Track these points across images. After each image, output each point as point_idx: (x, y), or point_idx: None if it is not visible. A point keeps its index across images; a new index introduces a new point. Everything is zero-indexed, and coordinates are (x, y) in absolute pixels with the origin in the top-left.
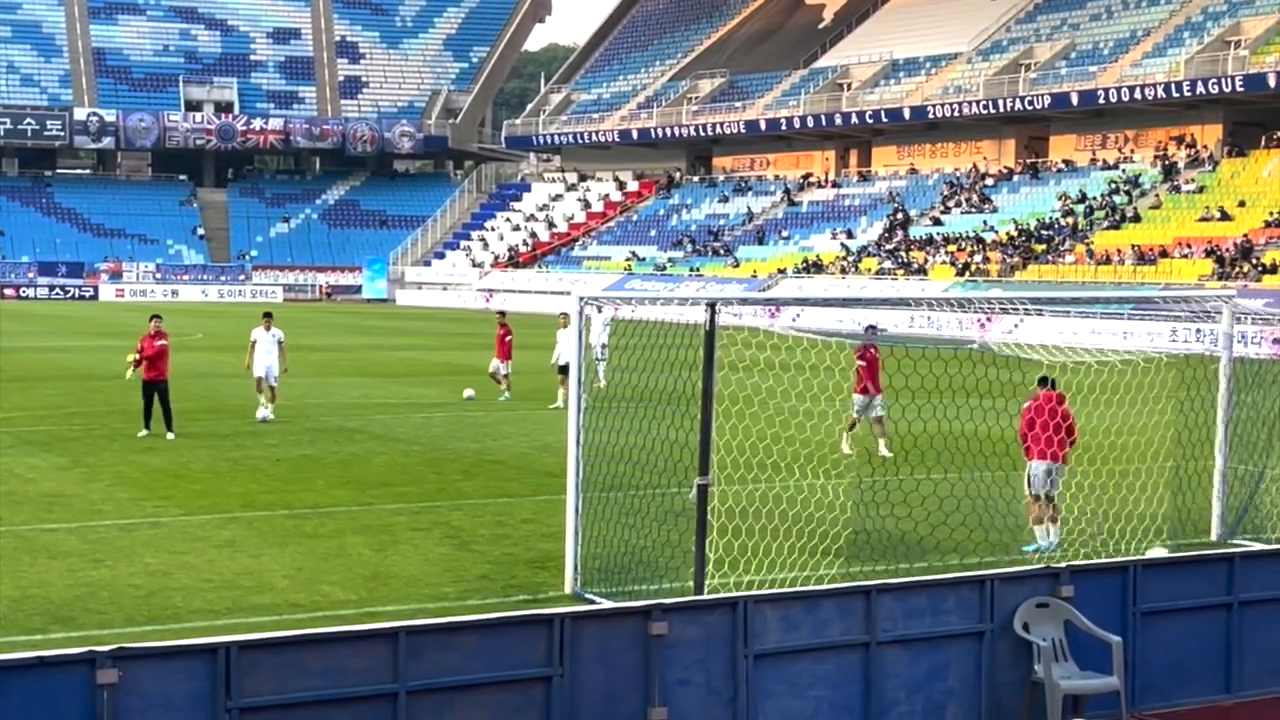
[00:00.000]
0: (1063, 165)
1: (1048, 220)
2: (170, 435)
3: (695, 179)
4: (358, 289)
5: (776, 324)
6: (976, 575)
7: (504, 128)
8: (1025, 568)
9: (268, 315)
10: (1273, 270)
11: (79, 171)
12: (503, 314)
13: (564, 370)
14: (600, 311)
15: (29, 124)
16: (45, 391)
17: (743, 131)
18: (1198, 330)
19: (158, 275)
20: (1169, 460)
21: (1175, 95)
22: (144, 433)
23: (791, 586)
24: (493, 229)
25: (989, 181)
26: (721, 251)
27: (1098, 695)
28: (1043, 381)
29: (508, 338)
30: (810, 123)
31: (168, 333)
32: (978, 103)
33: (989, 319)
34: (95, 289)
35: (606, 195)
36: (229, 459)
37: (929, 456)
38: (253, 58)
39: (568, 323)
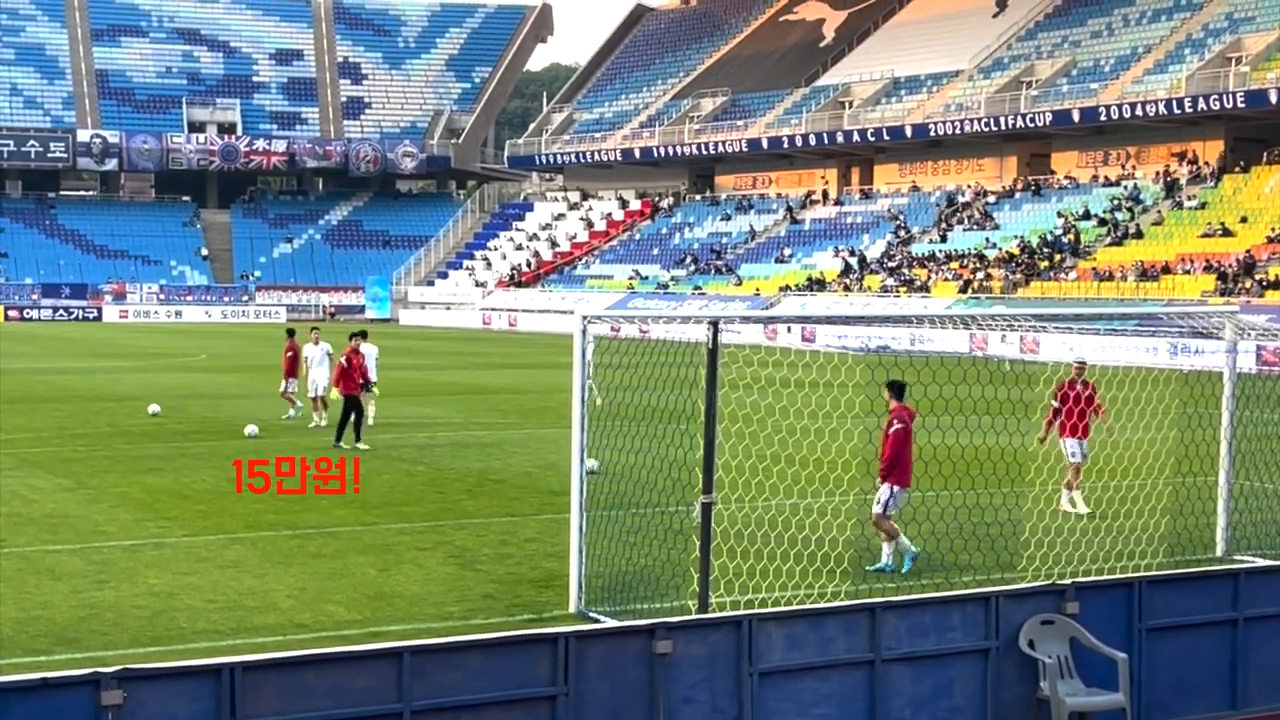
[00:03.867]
0: (1065, 182)
1: (1050, 237)
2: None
3: (697, 197)
4: (361, 309)
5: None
6: (981, 592)
7: (506, 147)
8: (1030, 585)
9: (315, 329)
10: (1275, 286)
11: (82, 193)
12: (291, 332)
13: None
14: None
15: (33, 146)
16: (48, 413)
17: (745, 150)
18: (1200, 346)
19: (161, 296)
20: (1173, 475)
21: (1177, 112)
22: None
23: (796, 604)
24: (496, 248)
25: (991, 199)
26: (724, 270)
27: (1103, 712)
28: (895, 388)
29: (290, 354)
30: (812, 141)
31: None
32: (979, 120)
33: (1007, 333)
34: (99, 310)
35: (609, 214)
36: (233, 479)
37: (933, 473)
38: (255, 79)
39: (318, 340)
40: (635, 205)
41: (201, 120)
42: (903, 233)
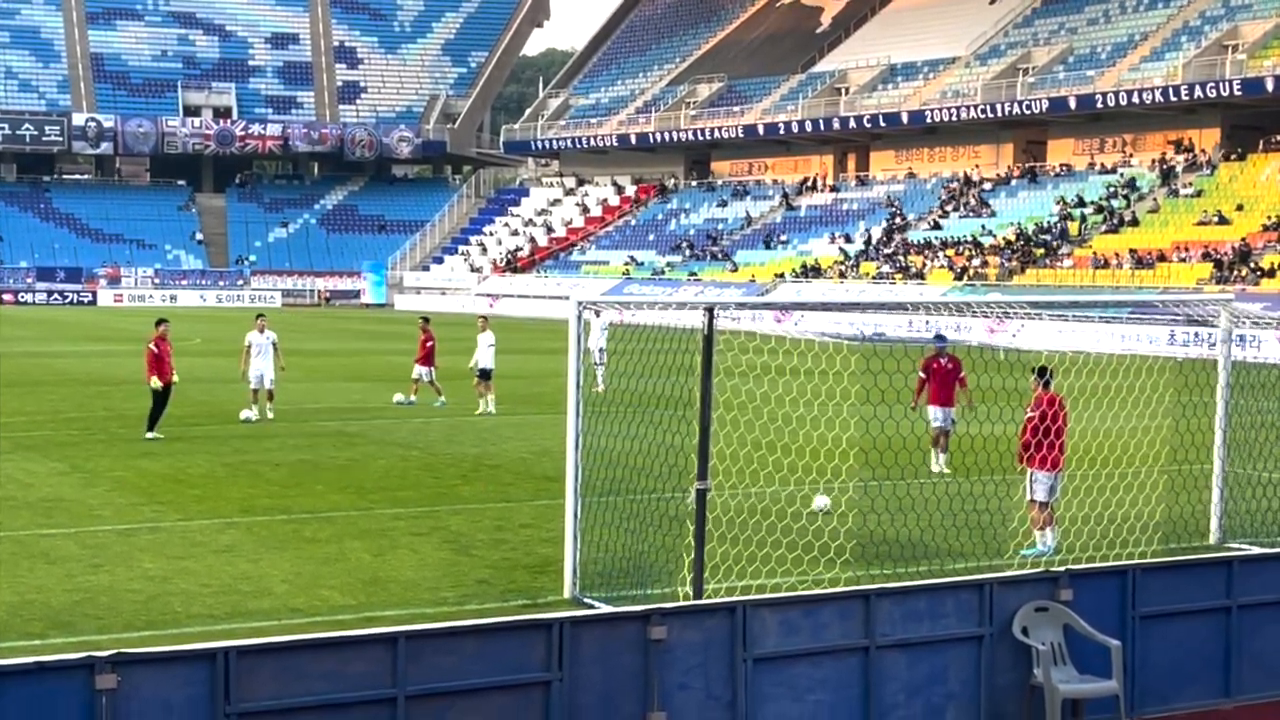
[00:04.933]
0: (1061, 169)
1: (1046, 224)
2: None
3: (693, 183)
4: (356, 294)
5: (782, 327)
6: (975, 579)
7: (502, 132)
8: (1024, 571)
9: (261, 317)
10: (1271, 274)
11: (78, 177)
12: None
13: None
14: (599, 316)
15: (27, 129)
16: (43, 397)
17: (741, 136)
18: (1195, 334)
19: (156, 280)
20: (1167, 463)
21: (1173, 99)
22: (153, 435)
23: (790, 591)
24: (491, 234)
25: (987, 186)
26: (720, 256)
27: (1097, 699)
28: (1040, 373)
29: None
30: (808, 127)
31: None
32: (975, 107)
33: (999, 323)
34: (94, 294)
35: (605, 200)
36: (227, 464)
37: (929, 459)
38: (251, 63)
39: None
40: (631, 191)
41: (197, 104)
42: (898, 219)
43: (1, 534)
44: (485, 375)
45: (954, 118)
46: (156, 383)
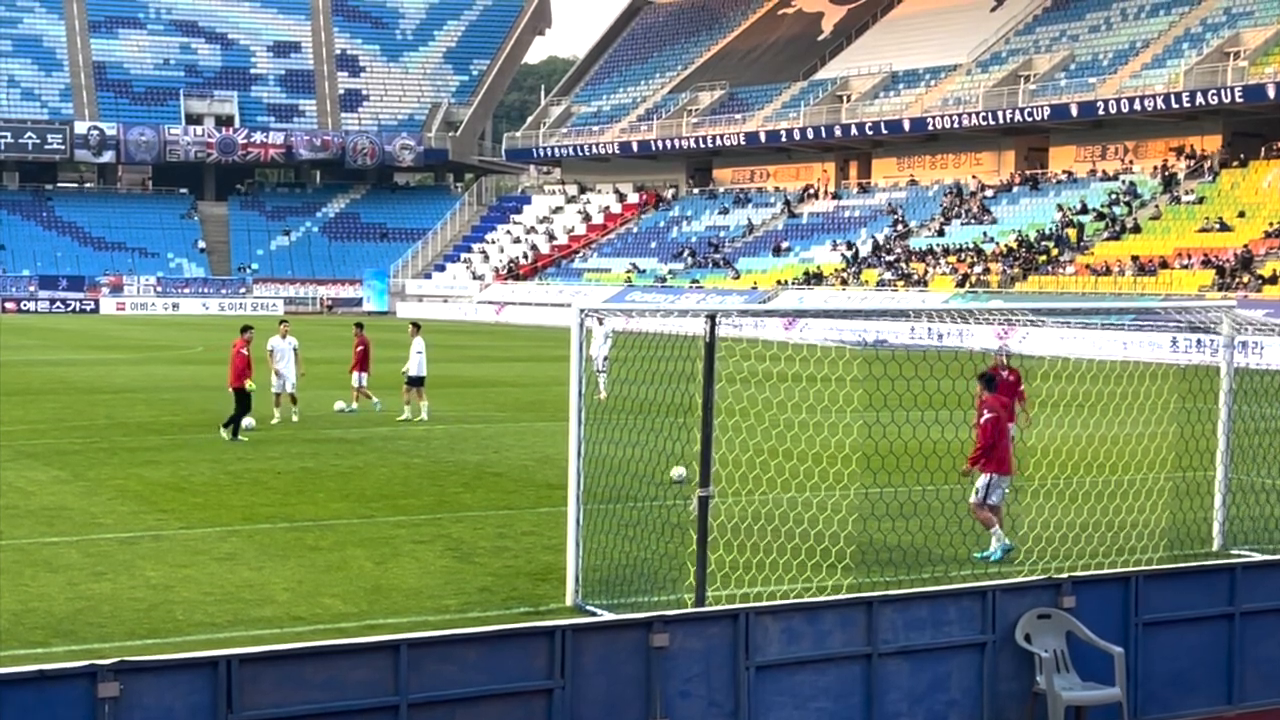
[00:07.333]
0: (1062, 176)
1: (1048, 231)
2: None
3: (695, 191)
4: (358, 302)
5: (789, 334)
6: (978, 586)
7: (504, 140)
8: (1027, 579)
9: (284, 322)
10: (1273, 280)
11: (80, 185)
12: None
13: None
14: (601, 324)
15: (30, 138)
16: (45, 405)
17: (743, 143)
18: (1198, 341)
19: (159, 288)
20: (1170, 470)
21: (1175, 106)
22: (234, 438)
23: (793, 598)
24: (493, 241)
25: (989, 193)
26: (721, 263)
27: (1100, 706)
28: (985, 379)
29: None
30: (810, 134)
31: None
32: (977, 114)
33: (1007, 330)
34: (96, 302)
35: (607, 207)
36: (230, 472)
37: (932, 467)
38: (253, 71)
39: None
40: (633, 199)
41: (199, 112)
42: (900, 227)
43: (4, 542)
44: (416, 383)
45: (955, 125)
46: (252, 384)
